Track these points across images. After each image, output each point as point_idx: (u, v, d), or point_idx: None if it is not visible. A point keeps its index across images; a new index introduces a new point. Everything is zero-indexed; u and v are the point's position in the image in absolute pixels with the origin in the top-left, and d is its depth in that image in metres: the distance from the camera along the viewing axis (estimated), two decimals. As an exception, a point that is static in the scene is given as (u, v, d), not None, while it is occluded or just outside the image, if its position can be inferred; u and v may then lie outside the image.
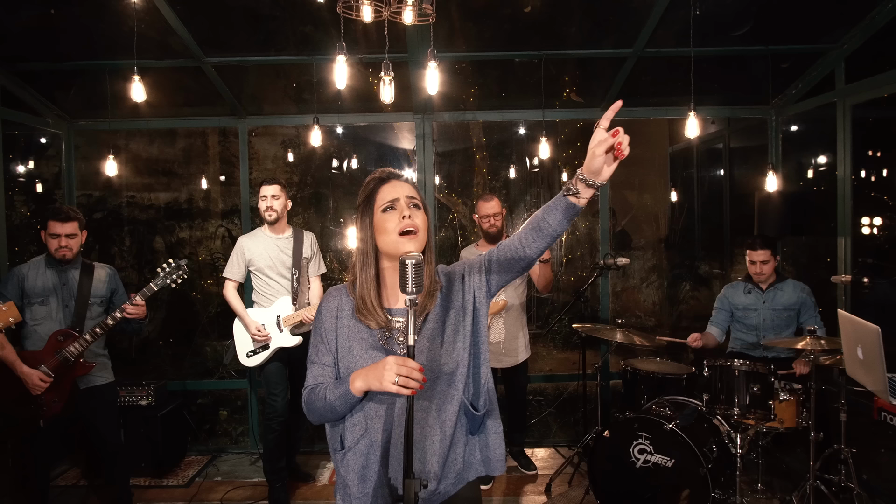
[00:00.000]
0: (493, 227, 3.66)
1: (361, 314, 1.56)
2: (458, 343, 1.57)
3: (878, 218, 4.99)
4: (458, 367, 1.56)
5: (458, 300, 1.61)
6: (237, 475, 4.01)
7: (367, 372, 1.45)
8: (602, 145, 1.28)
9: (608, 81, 4.14)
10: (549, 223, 1.43)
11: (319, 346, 1.59)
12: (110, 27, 3.57)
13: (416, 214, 1.55)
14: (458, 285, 1.62)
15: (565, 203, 1.39)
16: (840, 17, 3.54)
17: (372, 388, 1.45)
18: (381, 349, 1.55)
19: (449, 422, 1.55)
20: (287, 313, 3.48)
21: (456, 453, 1.58)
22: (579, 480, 3.73)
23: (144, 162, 6.60)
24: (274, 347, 3.47)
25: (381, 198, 1.57)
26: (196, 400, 4.85)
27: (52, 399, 2.94)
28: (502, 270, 1.59)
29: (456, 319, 1.59)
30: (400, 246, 1.52)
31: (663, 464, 2.99)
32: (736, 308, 3.74)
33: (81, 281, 3.08)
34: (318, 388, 1.55)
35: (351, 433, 1.55)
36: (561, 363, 6.12)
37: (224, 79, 4.03)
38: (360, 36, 3.75)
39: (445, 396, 1.56)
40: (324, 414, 1.54)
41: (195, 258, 6.50)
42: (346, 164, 6.68)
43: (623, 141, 1.28)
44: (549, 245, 1.47)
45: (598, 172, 1.32)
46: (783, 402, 3.05)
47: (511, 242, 1.54)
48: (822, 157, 5.04)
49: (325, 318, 1.60)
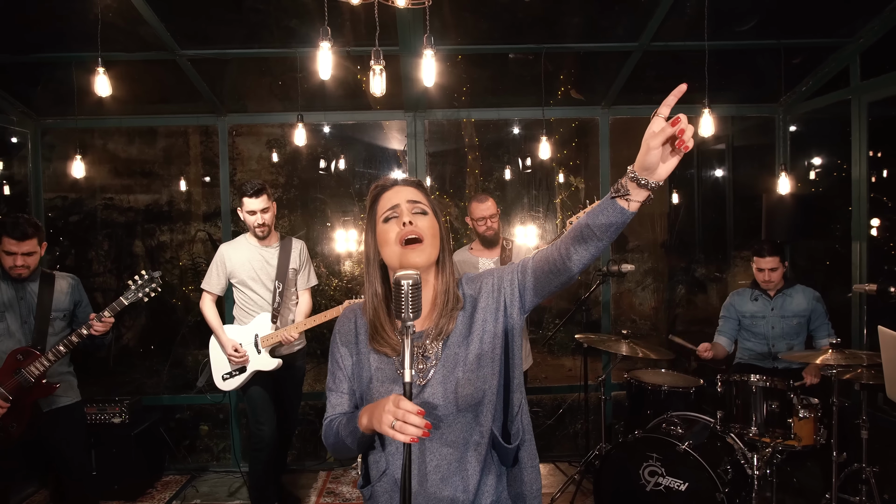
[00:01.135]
0: (490, 230, 3.39)
1: (375, 342, 1.37)
2: (484, 369, 1.33)
3: (877, 219, 4.84)
4: (486, 397, 1.33)
5: (485, 322, 1.36)
6: (217, 497, 3.75)
7: (373, 409, 1.25)
8: (659, 136, 1.07)
9: (611, 77, 3.93)
10: (594, 231, 1.18)
11: (336, 373, 1.43)
12: (78, 16, 3.30)
13: (421, 220, 1.34)
14: (485, 301, 1.37)
15: (613, 207, 1.15)
16: (857, 9, 3.35)
17: (375, 428, 1.23)
18: (399, 380, 1.34)
19: (475, 459, 1.33)
20: (266, 332, 3.15)
21: (485, 491, 1.35)
22: (582, 500, 3.52)
23: (123, 162, 6.31)
24: (251, 370, 3.15)
25: (382, 206, 1.37)
26: (174, 415, 4.57)
27: (10, 424, 2.67)
28: (538, 286, 1.32)
29: (482, 342, 1.34)
30: (404, 258, 1.31)
31: (675, 487, 2.78)
32: (743, 316, 3.54)
33: (41, 294, 2.81)
34: (336, 420, 1.39)
35: (374, 469, 1.40)
36: (555, 370, 5.92)
37: (202, 74, 3.78)
38: (347, 26, 3.51)
39: (472, 431, 1.33)
40: (339, 449, 1.39)
41: (176, 262, 6.23)
42: (333, 164, 6.43)
43: (687, 131, 1.06)
44: (595, 257, 1.23)
45: (653, 169, 1.11)
46: (802, 420, 2.85)
47: (549, 253, 1.29)
48: (833, 158, 4.88)
49: (341, 343, 1.44)
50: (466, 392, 1.31)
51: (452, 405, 1.31)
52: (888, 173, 5.32)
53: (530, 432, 1.44)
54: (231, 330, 3.20)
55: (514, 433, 1.38)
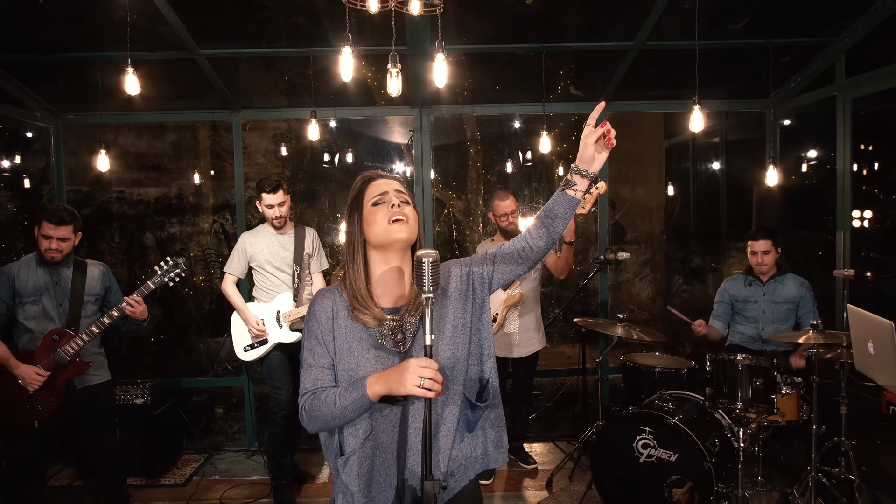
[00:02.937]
0: (512, 225, 3.70)
1: (357, 311, 1.52)
2: (457, 339, 1.55)
3: (869, 211, 5.04)
4: (458, 364, 1.54)
5: (457, 296, 1.59)
6: (235, 473, 3.96)
7: (388, 375, 1.42)
8: (592, 136, 1.46)
9: (609, 74, 4.11)
10: (552, 217, 1.52)
11: (315, 349, 1.53)
12: (100, 17, 3.47)
13: (406, 207, 1.55)
14: (457, 282, 1.60)
15: (564, 197, 1.50)
16: (842, 10, 3.53)
17: (393, 392, 1.41)
18: (381, 348, 1.52)
19: (451, 418, 1.53)
20: (287, 309, 3.47)
21: (460, 450, 1.57)
22: (580, 475, 3.72)
23: (133, 156, 6.49)
24: (273, 342, 3.45)
25: (371, 192, 1.57)
26: (191, 398, 4.79)
27: (47, 399, 2.87)
28: (507, 263, 1.60)
29: (454, 315, 1.57)
30: (391, 233, 1.51)
31: (667, 458, 2.98)
32: (736, 300, 3.75)
33: (75, 279, 3.00)
34: (324, 393, 1.48)
35: (353, 437, 1.50)
36: (556, 357, 6.13)
37: (216, 71, 3.94)
38: (355, 28, 3.68)
39: (447, 393, 1.53)
40: (330, 420, 1.47)
41: (185, 253, 6.41)
42: (338, 157, 6.61)
43: (612, 131, 1.45)
44: (555, 240, 1.54)
45: (590, 161, 1.47)
46: (785, 396, 3.05)
47: (515, 244, 1.58)
48: (821, 151, 5.06)
49: (321, 320, 1.55)
50: (443, 357, 1.53)
51: None
52: (879, 166, 5.51)
53: (498, 397, 1.65)
54: (254, 307, 3.50)
55: (484, 397, 1.60)
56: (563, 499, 3.50)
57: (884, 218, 5.16)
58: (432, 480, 1.36)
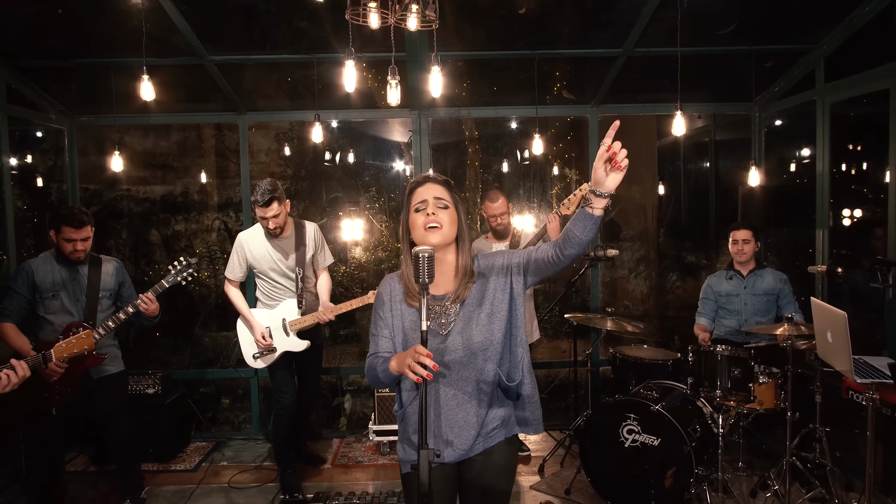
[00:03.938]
0: (501, 225, 3.87)
1: (409, 297, 1.82)
2: (493, 325, 1.80)
3: (858, 210, 5.21)
4: (492, 346, 1.80)
5: (495, 290, 1.82)
6: (243, 460, 4.15)
7: (401, 357, 1.69)
8: (600, 161, 1.54)
9: (599, 79, 4.28)
10: (576, 233, 1.65)
11: (378, 322, 1.88)
12: (113, 24, 3.63)
13: (442, 213, 1.78)
14: (496, 278, 1.83)
15: (584, 214, 1.62)
16: (821, 18, 3.70)
17: (398, 371, 1.69)
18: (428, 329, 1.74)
19: (484, 392, 1.81)
20: (293, 317, 3.43)
21: (492, 415, 1.84)
22: (571, 461, 3.91)
23: (139, 155, 6.64)
24: (281, 351, 3.44)
25: (414, 200, 1.82)
26: (199, 389, 4.97)
27: (65, 389, 3.04)
28: (539, 271, 1.81)
29: (492, 306, 1.81)
30: (425, 238, 1.76)
31: (650, 443, 3.16)
32: (719, 295, 3.94)
33: (90, 275, 3.17)
34: (376, 359, 1.82)
35: (406, 395, 1.87)
36: (550, 351, 6.31)
37: (223, 75, 4.11)
38: (357, 35, 3.84)
39: (483, 370, 1.80)
40: (374, 380, 1.85)
41: (191, 250, 6.58)
42: (339, 156, 6.77)
43: (619, 153, 1.50)
44: (582, 252, 1.69)
45: (601, 183, 1.56)
46: (762, 385, 3.23)
47: (546, 251, 1.76)
48: (805, 152, 5.22)
49: (384, 300, 1.87)
50: (478, 340, 1.79)
51: (467, 350, 1.78)
52: (867, 166, 5.68)
53: (533, 380, 1.91)
54: (259, 314, 3.48)
55: (516, 376, 1.85)
56: (554, 483, 3.69)
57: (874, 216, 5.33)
58: (427, 449, 1.55)
